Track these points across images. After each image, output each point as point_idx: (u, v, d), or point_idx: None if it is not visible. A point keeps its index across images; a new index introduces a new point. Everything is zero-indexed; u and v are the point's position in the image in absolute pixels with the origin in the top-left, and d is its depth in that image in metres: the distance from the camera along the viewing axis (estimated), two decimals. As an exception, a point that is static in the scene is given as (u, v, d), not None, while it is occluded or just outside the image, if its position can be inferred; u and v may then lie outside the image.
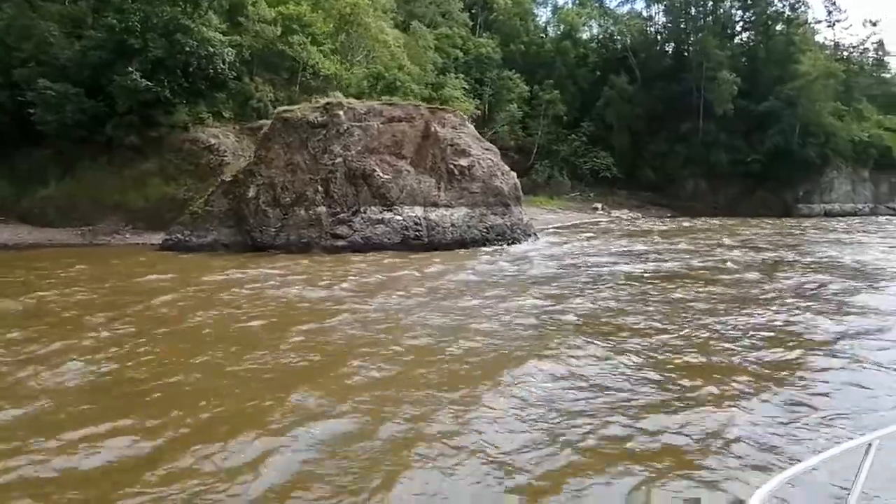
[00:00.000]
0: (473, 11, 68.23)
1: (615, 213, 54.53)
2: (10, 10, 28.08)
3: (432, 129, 21.74)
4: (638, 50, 66.50)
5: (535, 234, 23.01)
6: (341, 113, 21.11)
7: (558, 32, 70.90)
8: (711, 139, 58.22)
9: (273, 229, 20.11)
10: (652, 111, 61.92)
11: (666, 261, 17.90)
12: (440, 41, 57.17)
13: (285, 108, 22.37)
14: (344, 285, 13.32)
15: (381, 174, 20.52)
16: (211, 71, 27.43)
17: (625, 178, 60.71)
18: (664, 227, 36.07)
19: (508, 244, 21.21)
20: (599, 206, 56.83)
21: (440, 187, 21.17)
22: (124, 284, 13.83)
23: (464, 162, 21.54)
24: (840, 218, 51.39)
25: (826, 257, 19.47)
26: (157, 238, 22.71)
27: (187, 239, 20.55)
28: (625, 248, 21.70)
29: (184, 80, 27.16)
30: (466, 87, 56.81)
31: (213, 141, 26.83)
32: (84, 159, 27.72)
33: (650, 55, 66.06)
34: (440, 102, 53.79)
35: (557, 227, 37.10)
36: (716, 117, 57.93)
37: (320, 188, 20.26)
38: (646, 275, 15.02)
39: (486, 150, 22.68)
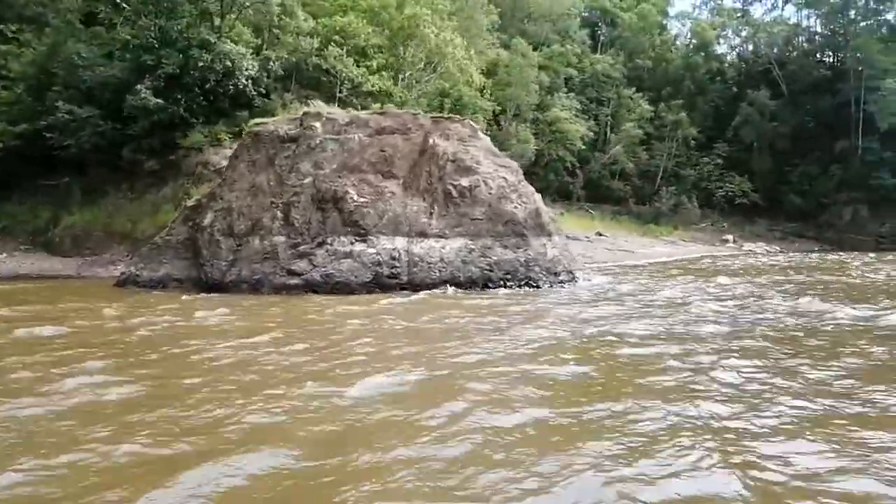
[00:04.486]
0: (596, 29, 63.52)
1: (748, 245, 46.76)
2: (52, 35, 27.38)
3: (430, 141, 17.47)
4: (784, 61, 58.27)
5: (570, 273, 17.63)
6: (317, 125, 17.41)
7: (690, 46, 63.96)
8: (874, 158, 49.04)
9: (224, 263, 16.61)
10: (799, 129, 53.77)
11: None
12: (550, 59, 52.79)
13: (259, 120, 19.08)
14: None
15: (355, 197, 16.49)
16: (231, 88, 25.03)
17: (765, 206, 52.81)
18: (786, 265, 28.62)
19: (519, 286, 16.28)
20: (731, 237, 49.30)
21: (432, 213, 16.71)
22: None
23: (465, 182, 16.99)
24: None
25: None
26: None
27: (138, 273, 17.59)
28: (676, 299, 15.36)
29: (202, 98, 24.95)
30: (578, 106, 52.20)
31: (224, 163, 24.21)
32: (107, 186, 26.28)
33: (799, 66, 57.44)
34: (547, 124, 49.79)
35: (656, 263, 30.79)
36: (880, 133, 48.77)
37: (279, 214, 16.58)
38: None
39: (501, 166, 17.90)
